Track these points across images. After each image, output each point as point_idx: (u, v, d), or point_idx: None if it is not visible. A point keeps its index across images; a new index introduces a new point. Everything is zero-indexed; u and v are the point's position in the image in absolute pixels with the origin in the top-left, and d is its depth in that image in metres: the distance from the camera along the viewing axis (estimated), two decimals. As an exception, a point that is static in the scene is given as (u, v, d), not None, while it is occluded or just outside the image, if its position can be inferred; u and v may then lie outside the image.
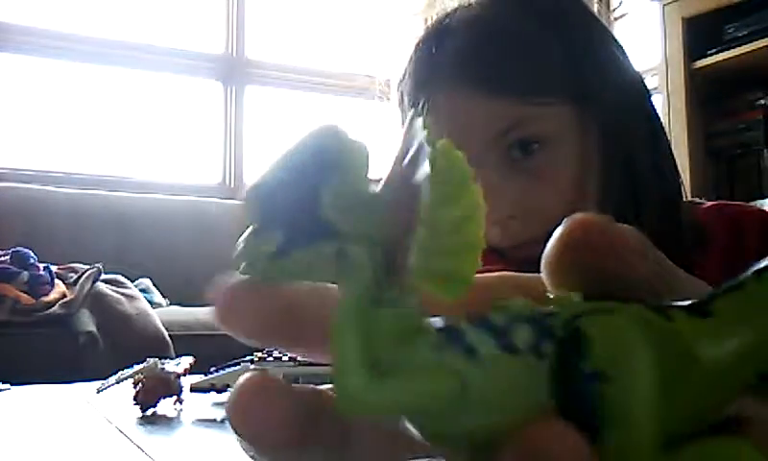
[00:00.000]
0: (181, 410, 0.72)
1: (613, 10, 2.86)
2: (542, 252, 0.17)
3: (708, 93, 2.34)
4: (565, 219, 0.16)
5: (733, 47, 2.22)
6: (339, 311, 0.15)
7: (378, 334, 0.15)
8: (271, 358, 0.71)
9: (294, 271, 0.16)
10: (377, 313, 0.15)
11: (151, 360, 0.75)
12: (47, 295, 1.81)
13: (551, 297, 0.16)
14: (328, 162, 0.16)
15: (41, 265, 1.88)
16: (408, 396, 0.15)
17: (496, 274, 0.19)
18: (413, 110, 0.16)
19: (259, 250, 0.16)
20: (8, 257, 1.87)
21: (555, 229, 0.17)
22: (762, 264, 0.16)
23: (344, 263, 0.15)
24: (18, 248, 1.91)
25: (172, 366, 0.75)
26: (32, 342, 1.70)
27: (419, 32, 0.68)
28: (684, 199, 0.67)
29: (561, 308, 0.15)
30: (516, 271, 0.19)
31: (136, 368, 0.75)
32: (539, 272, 0.18)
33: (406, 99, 0.66)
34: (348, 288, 0.15)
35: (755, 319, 0.16)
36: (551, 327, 0.15)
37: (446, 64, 0.62)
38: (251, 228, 0.16)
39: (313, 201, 0.15)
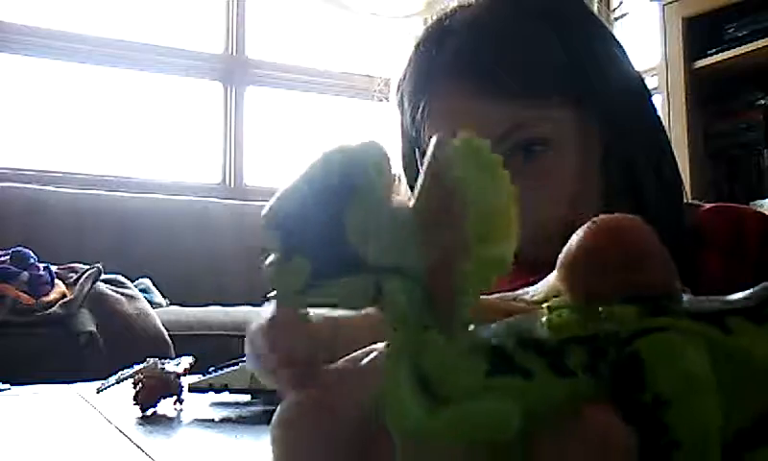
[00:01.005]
0: (181, 410, 0.72)
1: (613, 10, 2.86)
2: (542, 253, 0.17)
3: (708, 93, 2.34)
4: (592, 220, 0.16)
5: (733, 47, 2.22)
6: (387, 347, 0.15)
7: (429, 360, 0.15)
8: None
9: (325, 303, 0.16)
10: (425, 340, 0.15)
11: (151, 360, 0.75)
12: (47, 295, 1.81)
13: (601, 310, 0.15)
14: (347, 187, 0.15)
15: (41, 265, 1.88)
16: (468, 423, 0.14)
17: None
18: (436, 136, 0.15)
19: (288, 282, 0.15)
20: (8, 257, 1.87)
21: (556, 230, 0.16)
22: None
23: (380, 298, 0.15)
24: (18, 248, 1.91)
25: (172, 366, 0.75)
26: (32, 342, 1.70)
27: (418, 32, 0.68)
28: (685, 200, 0.67)
29: (614, 326, 0.15)
30: (515, 271, 0.19)
31: (136, 368, 0.75)
32: (537, 273, 0.18)
33: (406, 100, 0.66)
34: (388, 320, 0.15)
35: None
36: (606, 349, 0.15)
37: (447, 66, 0.62)
38: (275, 256, 0.15)
39: (336, 229, 0.15)
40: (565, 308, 0.16)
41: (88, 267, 1.94)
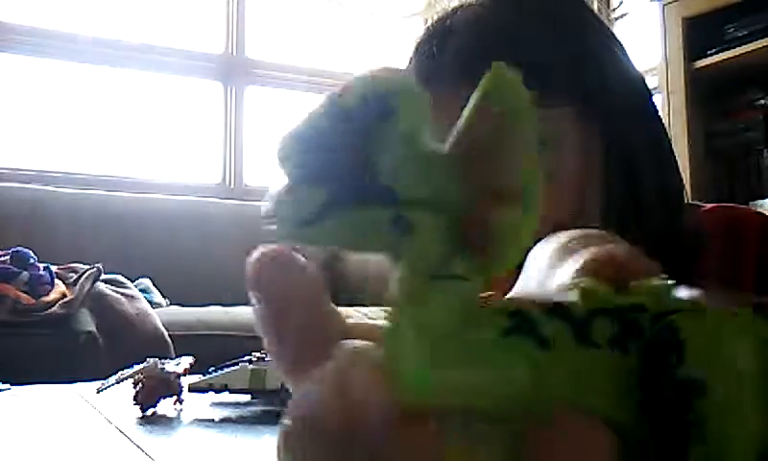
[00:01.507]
0: (181, 410, 0.72)
1: (613, 10, 2.86)
2: None
3: (707, 93, 2.34)
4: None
5: (733, 47, 2.22)
6: (397, 289, 0.13)
7: (441, 313, 0.13)
8: (269, 358, 0.71)
9: (333, 237, 0.14)
10: (440, 289, 0.13)
11: (151, 360, 0.75)
12: (47, 295, 1.81)
13: (634, 284, 0.14)
14: (383, 111, 0.13)
15: (41, 265, 1.88)
16: (474, 385, 0.13)
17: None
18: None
19: (294, 211, 0.13)
20: (8, 257, 1.87)
21: (558, 230, 0.16)
22: None
23: (401, 232, 0.13)
24: (18, 248, 1.91)
25: (172, 366, 0.75)
26: (32, 342, 1.70)
27: (419, 32, 0.68)
28: (685, 201, 0.67)
29: (648, 301, 0.14)
30: (518, 270, 0.19)
31: (136, 368, 0.75)
32: None
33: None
34: (407, 261, 0.13)
35: None
36: (638, 323, 0.14)
37: (447, 66, 0.62)
38: (284, 183, 0.14)
39: (363, 155, 0.13)
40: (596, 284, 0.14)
41: (88, 267, 1.94)
